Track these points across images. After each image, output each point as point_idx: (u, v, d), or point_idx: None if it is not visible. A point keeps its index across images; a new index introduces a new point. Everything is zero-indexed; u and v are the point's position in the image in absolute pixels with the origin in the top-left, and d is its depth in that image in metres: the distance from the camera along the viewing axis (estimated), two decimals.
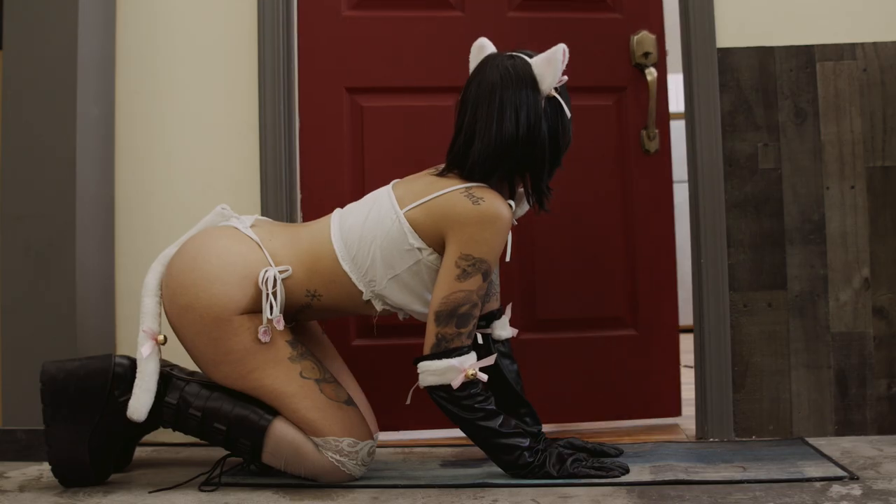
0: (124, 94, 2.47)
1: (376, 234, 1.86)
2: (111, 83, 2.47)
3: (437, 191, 1.86)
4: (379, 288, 1.87)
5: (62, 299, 2.26)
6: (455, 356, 1.78)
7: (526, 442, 1.87)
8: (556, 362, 2.44)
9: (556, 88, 1.87)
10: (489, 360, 1.84)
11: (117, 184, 2.46)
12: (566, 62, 1.84)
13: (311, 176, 2.44)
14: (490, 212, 1.78)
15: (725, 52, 2.35)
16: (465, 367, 1.80)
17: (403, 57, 2.43)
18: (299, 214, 2.41)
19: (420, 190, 1.89)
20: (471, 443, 2.21)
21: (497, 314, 2.09)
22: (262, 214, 2.36)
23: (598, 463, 1.92)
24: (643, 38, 2.43)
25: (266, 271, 1.85)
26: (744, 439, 2.29)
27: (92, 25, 2.37)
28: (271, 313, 1.83)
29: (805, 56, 2.33)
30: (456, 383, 1.80)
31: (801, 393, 2.30)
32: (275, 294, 1.84)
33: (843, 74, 2.33)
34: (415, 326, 2.27)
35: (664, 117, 2.45)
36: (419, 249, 1.84)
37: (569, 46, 2.21)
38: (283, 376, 1.84)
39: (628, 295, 2.44)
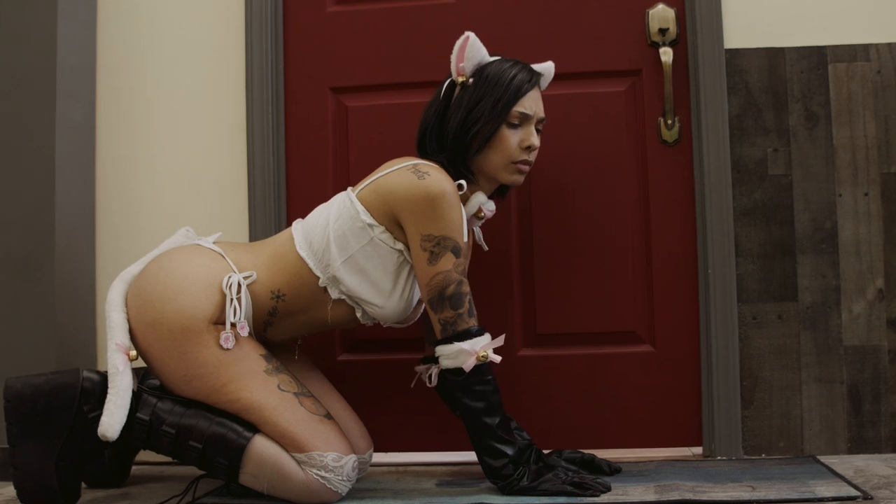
0: (106, 96, 2.45)
1: (330, 216, 1.89)
2: (92, 84, 2.44)
3: (387, 169, 1.89)
4: (333, 270, 1.87)
5: (42, 310, 2.23)
6: (466, 339, 1.81)
7: (512, 451, 1.86)
8: (560, 382, 2.34)
9: (474, 75, 1.92)
10: (499, 341, 1.84)
11: (98, 189, 2.43)
12: (469, 48, 1.90)
13: (296, 180, 2.40)
14: (435, 186, 1.80)
15: (733, 53, 2.31)
16: (475, 349, 1.82)
17: (391, 52, 2.38)
18: (286, 218, 2.39)
19: (372, 173, 1.94)
20: (468, 461, 2.24)
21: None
22: (251, 216, 2.35)
23: (579, 478, 1.90)
24: (659, 13, 2.29)
25: (230, 276, 1.85)
26: (753, 457, 2.25)
27: (72, 25, 2.35)
28: (234, 317, 1.82)
29: (817, 57, 2.30)
30: (468, 366, 1.80)
31: (812, 409, 2.27)
32: (239, 300, 1.84)
33: (856, 76, 2.29)
34: (402, 341, 2.31)
35: (684, 103, 2.31)
36: (370, 226, 1.85)
37: (577, 27, 2.27)
38: (261, 389, 1.82)
39: (644, 306, 2.32)
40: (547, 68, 2.07)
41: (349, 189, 1.95)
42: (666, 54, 2.28)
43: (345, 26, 2.41)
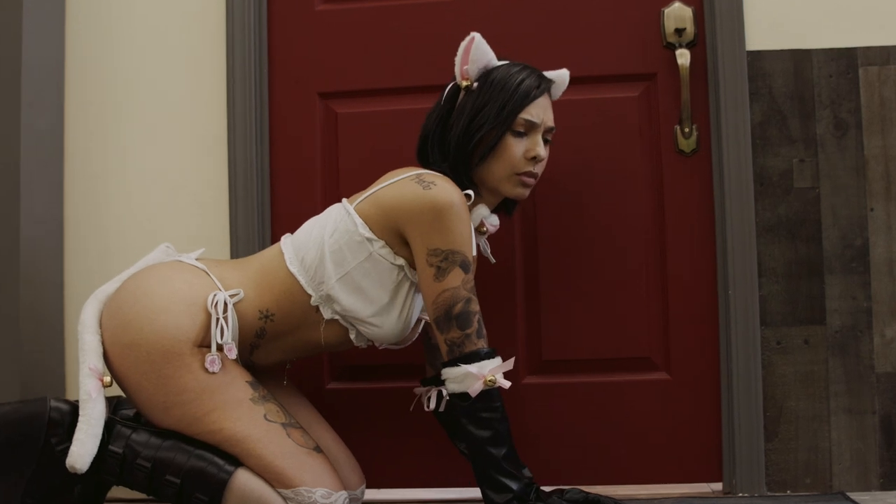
0: (75, 105, 2.36)
1: (325, 230, 1.85)
2: (60, 92, 2.35)
3: (389, 180, 1.86)
4: (328, 288, 1.82)
5: (5, 333, 2.15)
6: (474, 362, 1.75)
7: (518, 487, 1.78)
8: (567, 412, 2.25)
9: (479, 79, 1.88)
10: (508, 364, 1.78)
11: (67, 205, 2.35)
12: (474, 50, 1.86)
13: (281, 194, 2.32)
14: (443, 197, 1.76)
15: (756, 56, 2.20)
16: (483, 373, 1.75)
17: (384, 54, 2.30)
18: (270, 235, 2.30)
19: (374, 183, 1.91)
20: (469, 498, 2.15)
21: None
22: (232, 234, 2.27)
23: None
24: (675, 12, 2.21)
25: (215, 294, 1.80)
26: (777, 494, 2.16)
27: (38, 28, 2.25)
28: (221, 338, 1.77)
29: (846, 60, 2.19)
30: (474, 391, 1.74)
31: (841, 441, 2.17)
32: (226, 319, 1.79)
33: (889, 81, 2.18)
34: (396, 367, 2.24)
35: (703, 110, 2.22)
36: (369, 241, 1.81)
37: (586, 27, 2.20)
38: (246, 418, 1.76)
39: (658, 329, 2.24)
40: (560, 76, 2.00)
41: (344, 201, 1.90)
42: (683, 57, 2.19)
43: (334, 26, 2.33)
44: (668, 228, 2.25)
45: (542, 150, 1.92)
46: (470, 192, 1.86)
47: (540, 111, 1.91)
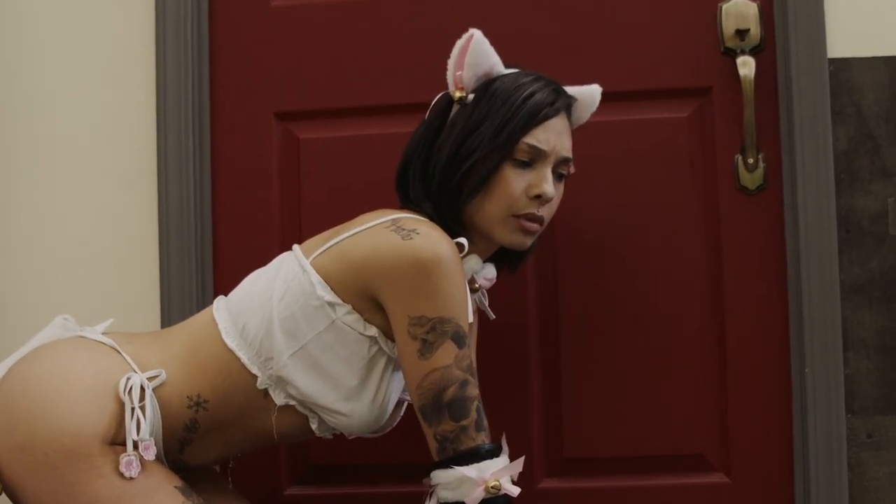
0: None
1: (273, 290, 1.68)
2: None
3: (357, 227, 1.69)
4: (278, 367, 1.65)
5: None
6: (472, 462, 1.59)
7: None
8: None
9: (477, 90, 1.72)
10: (517, 465, 1.62)
11: None
12: (472, 52, 1.69)
13: (227, 241, 2.15)
14: (427, 249, 1.61)
15: (840, 65, 1.96)
16: (484, 476, 1.59)
17: (358, 63, 2.11)
18: (213, 294, 2.11)
19: (335, 232, 1.73)
20: None
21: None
22: (163, 295, 2.11)
23: None
24: (736, 8, 2.00)
25: (129, 377, 1.62)
26: None
27: None
28: (138, 433, 1.59)
29: None
30: (473, 500, 1.59)
31: None
32: (143, 409, 1.62)
33: None
34: (375, 469, 2.12)
35: (771, 135, 2.01)
36: (331, 305, 1.64)
37: (620, 27, 2.05)
38: None
39: (714, 419, 2.04)
40: (587, 94, 1.81)
41: (296, 249, 1.71)
42: (746, 65, 1.95)
43: (295, 27, 2.12)
44: (727, 288, 2.02)
45: (550, 188, 1.69)
46: (463, 240, 1.67)
47: (552, 136, 1.69)
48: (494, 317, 1.89)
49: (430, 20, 2.08)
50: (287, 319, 1.64)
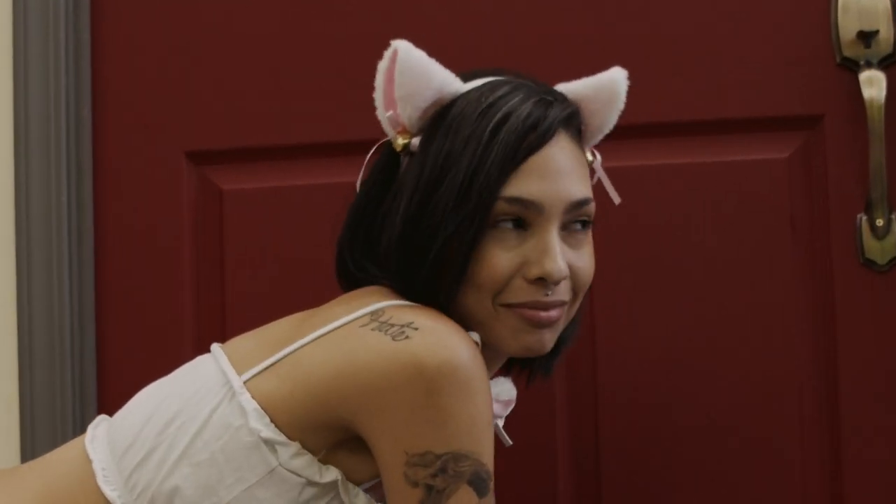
0: None
1: (181, 427, 1.28)
2: None
3: (323, 325, 1.27)
4: None
5: None
6: None
7: None
8: None
9: (427, 127, 1.30)
10: None
11: None
12: (402, 73, 1.27)
13: (114, 340, 1.80)
14: (434, 353, 1.19)
15: None
16: None
17: (304, 83, 1.75)
18: (95, 411, 1.78)
19: (287, 331, 1.32)
20: None
21: None
22: (23, 419, 1.78)
23: None
24: (859, 3, 1.64)
25: None
26: None
27: None
28: None
29: None
30: None
31: None
32: None
33: None
34: None
35: None
36: (272, 445, 1.25)
37: (687, 32, 1.76)
38: None
39: None
40: (599, 86, 1.36)
41: (218, 352, 1.31)
42: (873, 84, 1.56)
43: (211, 33, 1.73)
44: (843, 399, 1.61)
45: (560, 261, 1.25)
46: (475, 335, 1.26)
47: (548, 176, 1.27)
48: (511, 443, 1.50)
49: (414, 21, 1.68)
50: (202, 466, 1.22)
